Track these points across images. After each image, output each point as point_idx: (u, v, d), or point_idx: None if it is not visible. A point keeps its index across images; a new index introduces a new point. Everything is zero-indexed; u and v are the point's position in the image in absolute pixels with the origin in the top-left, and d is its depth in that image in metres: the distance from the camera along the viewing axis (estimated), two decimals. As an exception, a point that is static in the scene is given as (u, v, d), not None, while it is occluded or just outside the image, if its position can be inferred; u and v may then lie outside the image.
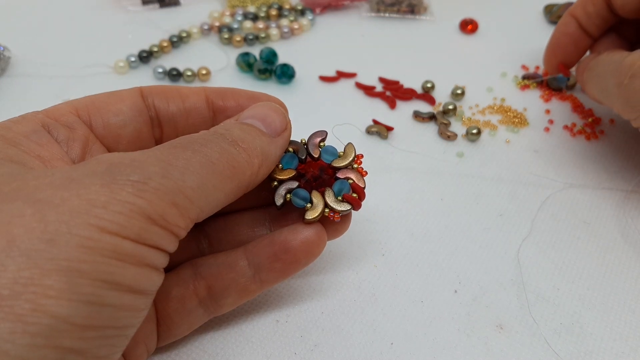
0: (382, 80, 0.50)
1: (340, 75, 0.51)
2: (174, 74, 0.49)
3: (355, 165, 0.30)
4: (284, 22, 0.56)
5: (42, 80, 0.49)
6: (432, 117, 0.46)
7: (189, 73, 0.49)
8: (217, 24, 0.55)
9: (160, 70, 0.49)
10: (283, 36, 0.55)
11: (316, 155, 0.30)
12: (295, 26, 0.55)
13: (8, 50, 0.50)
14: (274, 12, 0.57)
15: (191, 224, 0.23)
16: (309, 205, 0.28)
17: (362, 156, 0.30)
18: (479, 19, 0.56)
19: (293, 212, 0.30)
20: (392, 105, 0.47)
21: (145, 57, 0.51)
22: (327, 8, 0.59)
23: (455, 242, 0.37)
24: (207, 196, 0.23)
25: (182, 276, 0.29)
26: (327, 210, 0.28)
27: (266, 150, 0.26)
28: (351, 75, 0.51)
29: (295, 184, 0.29)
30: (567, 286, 0.34)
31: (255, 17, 0.57)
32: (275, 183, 0.29)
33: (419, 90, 0.49)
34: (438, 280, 0.34)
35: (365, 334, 0.32)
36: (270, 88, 0.49)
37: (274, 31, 0.55)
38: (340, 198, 0.29)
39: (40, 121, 0.26)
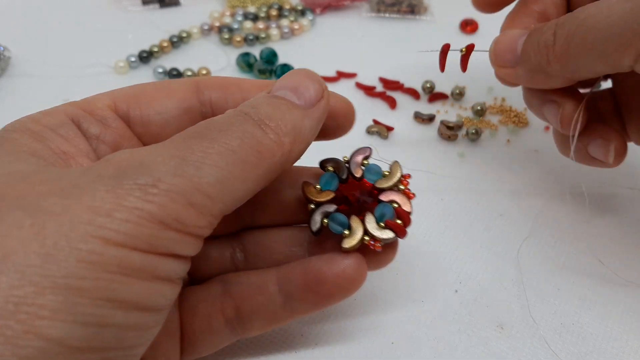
0: (382, 80, 0.50)
1: (340, 75, 0.51)
2: (174, 74, 0.49)
3: (402, 187, 0.27)
4: (284, 22, 0.56)
5: (42, 80, 0.49)
6: (432, 119, 0.46)
7: (189, 73, 0.49)
8: (217, 24, 0.55)
9: (160, 70, 0.49)
10: (283, 36, 0.55)
11: (358, 175, 0.27)
12: (296, 26, 0.55)
13: (8, 50, 0.50)
14: (274, 12, 0.57)
15: (216, 221, 0.21)
16: (346, 231, 0.26)
17: (409, 176, 0.28)
18: (479, 19, 0.56)
19: (333, 237, 0.27)
20: (392, 105, 0.47)
21: (145, 57, 0.51)
22: (327, 8, 0.59)
23: (456, 242, 0.37)
24: (231, 189, 0.21)
25: (211, 292, 0.27)
26: (366, 237, 0.26)
27: (298, 126, 0.24)
28: (351, 75, 0.51)
29: (333, 208, 0.26)
30: (567, 286, 0.34)
31: (255, 17, 0.57)
32: (312, 206, 0.26)
33: (419, 90, 0.49)
34: (438, 280, 0.34)
35: (365, 333, 0.32)
36: (270, 88, 0.49)
37: (274, 31, 0.55)
38: (382, 224, 0.26)
39: (70, 114, 0.25)
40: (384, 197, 0.27)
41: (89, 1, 0.58)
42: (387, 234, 0.26)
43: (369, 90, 0.49)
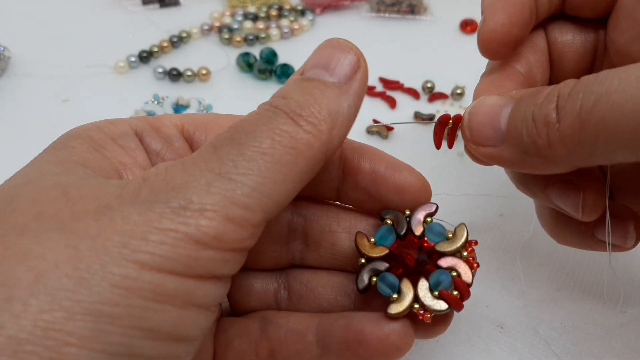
0: (382, 80, 0.50)
1: (341, 75, 0.51)
2: (174, 74, 0.49)
3: (465, 253, 0.24)
4: (284, 22, 0.56)
5: (42, 80, 0.49)
6: (432, 119, 0.46)
7: (189, 73, 0.49)
8: (217, 24, 0.55)
9: (160, 70, 0.49)
10: (283, 36, 0.55)
11: (418, 233, 0.25)
12: (296, 26, 0.55)
13: (8, 50, 0.50)
14: (274, 12, 0.57)
15: (259, 229, 0.20)
16: (395, 295, 0.24)
17: (475, 243, 0.25)
18: (479, 19, 0.56)
19: (381, 297, 0.25)
20: (392, 105, 0.47)
21: (145, 57, 0.51)
22: (327, 8, 0.59)
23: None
24: (269, 194, 0.20)
25: (249, 328, 0.26)
26: (416, 305, 0.23)
27: (335, 108, 0.22)
28: (351, 75, 0.50)
29: (384, 266, 0.24)
30: (567, 286, 0.34)
31: (255, 17, 0.57)
32: (363, 260, 0.25)
33: (419, 90, 0.49)
34: (438, 280, 0.34)
35: (365, 334, 0.32)
36: (270, 88, 0.49)
37: (274, 31, 0.55)
38: (436, 293, 0.23)
39: (135, 126, 0.25)
40: (442, 263, 0.24)
41: (89, 1, 0.58)
42: (440, 305, 0.23)
43: (369, 90, 0.49)
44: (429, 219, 0.25)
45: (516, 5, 0.26)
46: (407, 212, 0.25)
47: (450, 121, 0.26)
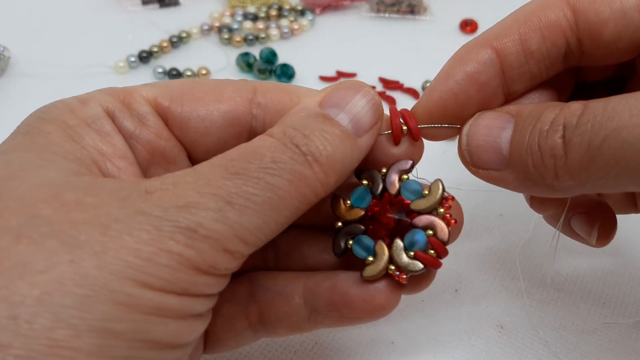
0: (382, 80, 0.50)
1: (340, 75, 0.51)
2: (174, 74, 0.49)
3: (442, 210, 0.23)
4: (284, 22, 0.56)
5: (42, 80, 0.49)
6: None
7: (188, 73, 0.49)
8: (217, 24, 0.55)
9: (160, 70, 0.49)
10: (283, 36, 0.55)
11: (394, 192, 0.24)
12: (295, 26, 0.55)
13: (8, 50, 0.50)
14: (274, 12, 0.57)
15: (244, 259, 0.21)
16: (370, 258, 0.23)
17: (452, 199, 0.24)
18: (479, 19, 0.56)
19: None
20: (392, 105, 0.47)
21: (145, 57, 0.51)
22: (327, 8, 0.59)
23: (456, 242, 0.36)
24: (267, 232, 0.20)
25: (237, 293, 0.26)
26: (392, 267, 0.23)
27: (347, 161, 0.22)
28: (351, 75, 0.51)
29: (360, 229, 0.24)
30: (567, 286, 0.34)
31: (255, 18, 0.57)
32: (340, 224, 0.24)
33: (419, 90, 0.49)
34: (439, 279, 0.34)
35: (365, 332, 0.32)
36: (270, 88, 0.49)
37: (274, 31, 0.55)
38: (411, 253, 0.23)
39: (105, 105, 0.24)
40: (418, 222, 0.23)
41: (89, 1, 0.58)
42: (415, 266, 0.23)
43: (368, 90, 0.49)
44: (404, 177, 0.24)
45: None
46: (384, 170, 0.24)
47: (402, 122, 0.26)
